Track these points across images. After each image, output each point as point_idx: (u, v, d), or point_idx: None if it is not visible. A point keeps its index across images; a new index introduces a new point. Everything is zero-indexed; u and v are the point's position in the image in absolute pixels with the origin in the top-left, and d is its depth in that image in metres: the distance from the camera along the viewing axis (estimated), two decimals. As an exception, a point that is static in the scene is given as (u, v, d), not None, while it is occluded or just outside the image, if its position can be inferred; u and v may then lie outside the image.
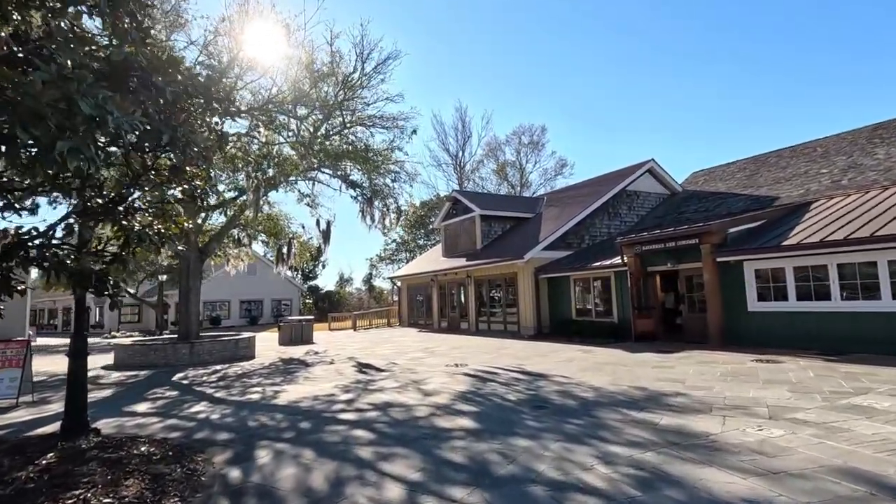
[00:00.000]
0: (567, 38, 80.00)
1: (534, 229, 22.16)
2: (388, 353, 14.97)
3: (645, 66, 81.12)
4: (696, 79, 79.57)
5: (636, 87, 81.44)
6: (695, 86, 79.53)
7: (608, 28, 76.56)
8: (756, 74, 77.24)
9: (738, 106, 79.62)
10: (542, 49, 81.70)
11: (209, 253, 15.77)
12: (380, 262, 48.91)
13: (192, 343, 13.80)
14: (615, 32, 76.98)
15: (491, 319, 21.15)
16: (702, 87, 79.39)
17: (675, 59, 79.70)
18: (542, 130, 47.09)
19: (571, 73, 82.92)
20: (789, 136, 79.63)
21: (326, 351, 16.57)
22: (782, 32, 74.23)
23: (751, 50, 74.64)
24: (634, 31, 76.21)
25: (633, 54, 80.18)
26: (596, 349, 13.55)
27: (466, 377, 9.75)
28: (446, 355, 13.54)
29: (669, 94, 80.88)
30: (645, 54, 79.98)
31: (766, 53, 75.32)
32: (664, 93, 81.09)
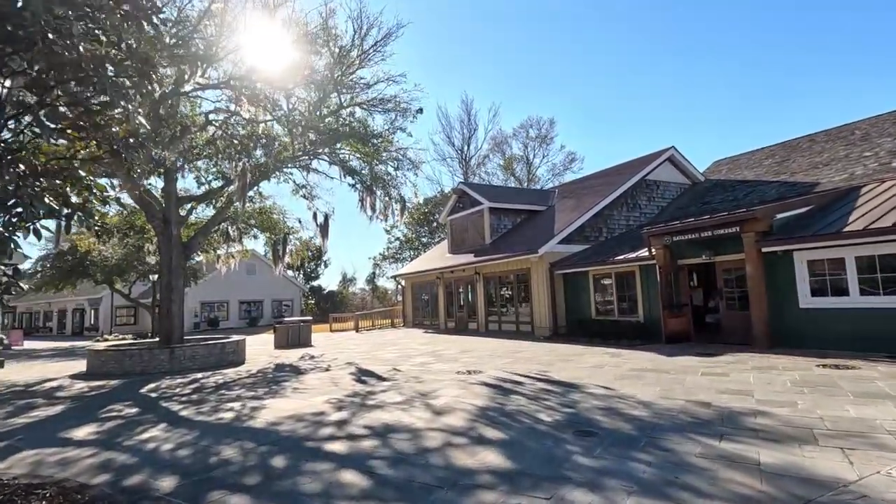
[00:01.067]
0: (576, 30, 78.33)
1: (547, 222, 20.55)
2: (392, 357, 13.40)
3: (656, 58, 79.41)
4: (706, 72, 77.86)
5: (647, 79, 79.74)
6: (705, 78, 77.86)
7: (618, 18, 74.85)
8: (763, 68, 75.44)
9: (750, 98, 77.84)
10: (552, 40, 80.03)
11: (194, 248, 14.23)
12: (383, 261, 47.34)
13: (172, 349, 12.25)
14: (625, 22, 75.28)
15: (502, 319, 19.54)
16: (712, 79, 77.68)
17: (684, 52, 77.97)
18: (551, 124, 45.32)
19: (581, 65, 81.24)
20: (795, 127, 77.58)
21: (324, 355, 15.00)
22: (786, 30, 72.42)
23: (758, 43, 72.86)
24: (644, 22, 74.52)
25: (642, 46, 78.49)
26: (624, 352, 11.94)
27: (483, 388, 8.17)
28: (456, 360, 11.96)
29: (681, 87, 79.22)
30: (655, 46, 78.28)
31: (774, 46, 73.51)
32: (676, 85, 79.42)
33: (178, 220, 13.79)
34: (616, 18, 73.93)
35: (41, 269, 26.95)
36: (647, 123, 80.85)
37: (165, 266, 13.59)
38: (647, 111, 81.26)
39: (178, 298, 13.68)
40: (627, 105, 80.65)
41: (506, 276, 19.42)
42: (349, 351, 15.85)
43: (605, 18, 74.52)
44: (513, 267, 18.74)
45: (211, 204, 15.38)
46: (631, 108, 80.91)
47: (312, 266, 52.15)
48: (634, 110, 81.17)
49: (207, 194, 14.21)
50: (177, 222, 13.75)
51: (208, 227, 14.56)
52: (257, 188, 16.35)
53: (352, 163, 14.05)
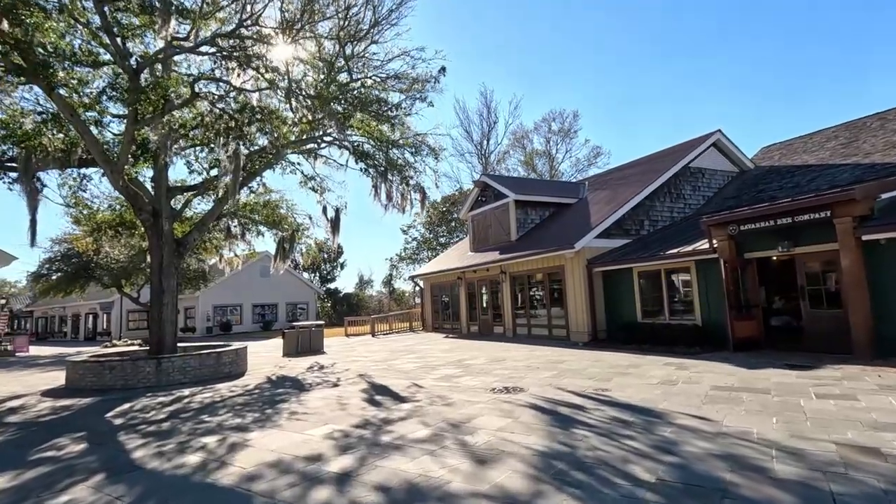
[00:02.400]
0: (600, 19, 75.88)
1: (579, 216, 18.48)
2: (411, 368, 11.49)
3: (682, 49, 76.54)
4: (736, 60, 74.78)
5: (673, 70, 76.84)
6: (735, 67, 74.78)
7: (645, 7, 72.20)
8: (783, 64, 72.11)
9: (783, 84, 74.53)
10: (575, 29, 77.64)
11: (189, 246, 12.52)
12: (400, 262, 45.51)
13: (159, 360, 10.50)
14: (652, 12, 72.62)
15: (532, 323, 17.51)
16: (743, 67, 74.58)
17: (712, 42, 74.99)
18: (575, 116, 42.72)
19: (605, 56, 78.52)
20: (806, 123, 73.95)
21: (335, 364, 13.17)
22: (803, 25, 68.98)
23: (777, 40, 69.61)
24: (673, 10, 71.81)
25: (670, 36, 75.70)
26: (688, 362, 9.86)
27: (533, 414, 6.20)
28: (487, 372, 10.00)
29: (710, 76, 76.25)
30: (682, 36, 75.43)
31: (792, 41, 70.14)
32: (704, 75, 76.45)
33: (169, 214, 12.09)
34: (642, 7, 71.33)
35: (46, 272, 25.70)
36: (672, 118, 77.84)
37: (156, 265, 11.89)
38: (673, 104, 78.32)
39: (170, 301, 11.96)
40: (653, 98, 77.73)
41: (536, 274, 17.40)
42: (363, 359, 14.00)
43: (630, 7, 71.97)
44: (544, 265, 16.72)
45: (207, 195, 13.70)
46: (656, 100, 78.01)
47: (328, 268, 50.60)
48: (660, 103, 78.28)
49: (202, 184, 12.51)
50: (168, 216, 12.05)
51: (205, 222, 12.83)
52: (260, 178, 14.64)
53: (364, 147, 12.21)
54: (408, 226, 44.53)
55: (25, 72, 8.94)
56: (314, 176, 15.62)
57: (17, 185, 10.44)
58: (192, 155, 12.94)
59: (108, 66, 9.78)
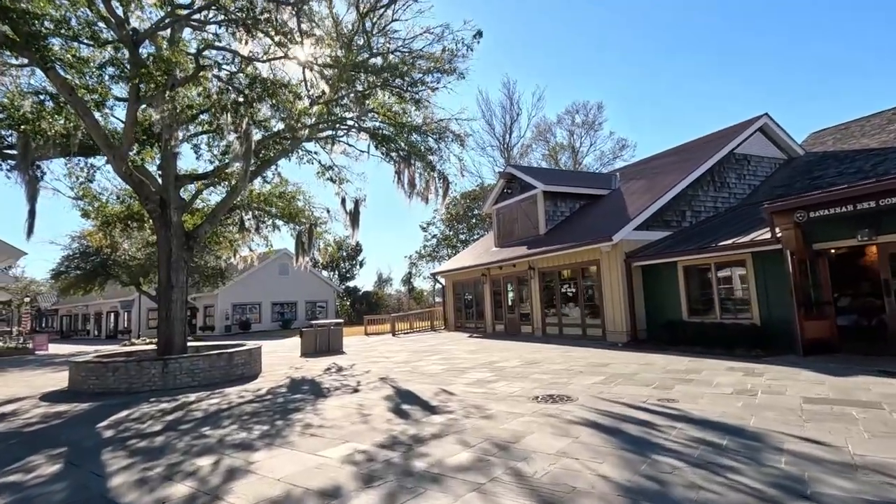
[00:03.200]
0: (625, 8, 73.84)
1: (613, 208, 17.20)
2: (438, 370, 10.42)
3: (714, 35, 74.08)
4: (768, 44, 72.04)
5: (704, 58, 74.45)
6: (767, 52, 72.08)
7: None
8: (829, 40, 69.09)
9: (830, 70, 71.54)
10: (600, 18, 75.74)
11: (199, 238, 11.64)
12: (420, 260, 44.51)
13: (165, 361, 9.61)
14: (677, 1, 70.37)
15: (563, 322, 16.28)
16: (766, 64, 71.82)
17: (741, 30, 72.39)
18: (599, 108, 41.01)
19: (630, 45, 76.28)
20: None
21: (354, 366, 12.18)
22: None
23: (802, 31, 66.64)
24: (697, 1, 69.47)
25: (700, 23, 73.34)
26: (755, 367, 8.58)
27: (594, 433, 5.06)
28: (524, 377, 8.86)
29: (737, 66, 73.67)
30: (714, 23, 72.99)
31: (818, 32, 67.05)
32: (733, 65, 73.89)
33: (178, 204, 11.22)
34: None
35: (65, 270, 25.33)
36: (702, 109, 75.06)
37: (163, 258, 11.04)
38: (703, 95, 75.74)
39: (179, 298, 11.10)
40: (680, 87, 75.04)
41: (568, 270, 16.18)
42: (385, 361, 12.98)
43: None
44: (577, 259, 15.49)
45: (219, 186, 12.84)
46: (684, 91, 75.35)
47: (347, 266, 49.91)
48: (687, 94, 75.64)
49: (212, 172, 11.63)
50: (177, 206, 11.18)
51: (217, 213, 11.95)
52: (275, 168, 13.71)
53: (385, 132, 11.17)
54: (427, 223, 43.55)
55: (16, 45, 8.12)
56: (332, 165, 14.68)
57: (15, 173, 9.65)
58: (203, 142, 12.08)
59: (109, 45, 8.92)
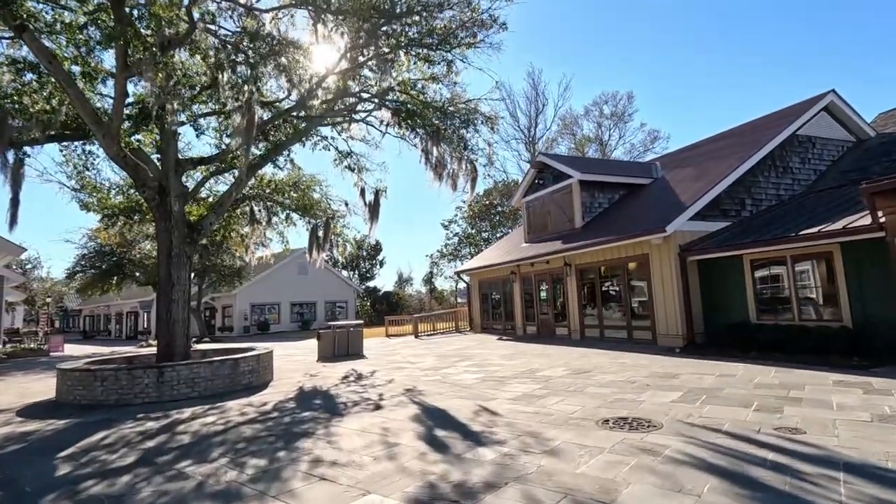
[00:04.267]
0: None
1: (658, 197, 15.48)
2: (472, 380, 8.92)
3: (749, 18, 70.88)
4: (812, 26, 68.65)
5: (741, 41, 70.91)
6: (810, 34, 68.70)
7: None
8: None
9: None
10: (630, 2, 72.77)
11: (204, 231, 10.37)
12: (441, 259, 43.08)
13: (160, 370, 8.32)
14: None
15: (605, 324, 14.63)
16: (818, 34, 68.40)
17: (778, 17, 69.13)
18: (629, 98, 38.94)
19: (662, 31, 73.14)
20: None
21: (375, 373, 10.77)
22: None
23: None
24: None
25: (731, 12, 70.31)
26: (873, 381, 6.87)
27: (719, 484, 3.49)
28: (579, 390, 7.30)
29: (777, 53, 70.45)
30: (745, 13, 69.89)
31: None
32: (767, 46, 70.68)
33: (179, 191, 9.96)
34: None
35: (81, 270, 24.59)
36: (739, 98, 71.34)
37: (163, 252, 9.78)
38: (743, 75, 71.91)
39: (180, 297, 9.84)
40: (717, 74, 71.58)
41: (611, 266, 14.52)
42: (410, 367, 11.54)
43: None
44: (622, 254, 13.83)
45: (224, 175, 11.61)
46: (721, 78, 71.92)
47: (367, 266, 48.78)
48: (724, 82, 72.17)
49: (217, 155, 10.37)
50: (178, 194, 9.92)
51: (223, 202, 10.68)
52: (287, 153, 12.39)
53: (409, 107, 9.75)
54: (449, 221, 42.11)
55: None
56: (350, 152, 13.33)
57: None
58: (209, 126, 10.83)
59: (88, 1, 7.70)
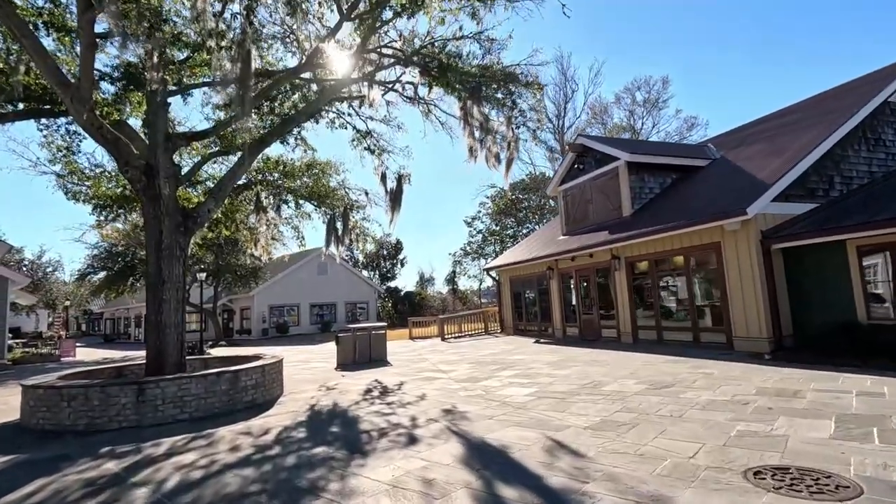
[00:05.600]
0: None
1: (721, 180, 13.39)
2: (524, 397, 7.05)
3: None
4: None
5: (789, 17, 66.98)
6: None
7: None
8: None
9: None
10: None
11: (201, 219, 8.73)
12: (465, 258, 41.22)
13: (140, 387, 6.67)
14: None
15: (664, 325, 12.59)
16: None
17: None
18: (664, 83, 36.33)
19: (703, 9, 69.65)
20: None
21: (403, 386, 9.00)
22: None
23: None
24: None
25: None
26: None
27: None
28: (679, 417, 5.37)
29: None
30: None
31: None
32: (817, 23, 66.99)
33: (170, 172, 8.35)
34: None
35: (92, 271, 23.49)
36: (788, 71, 67.22)
37: (151, 244, 8.16)
38: (789, 54, 67.91)
39: (172, 297, 8.20)
40: (761, 53, 67.73)
41: (670, 258, 12.49)
42: (442, 377, 9.74)
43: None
44: (685, 243, 11.80)
45: (228, 153, 10.00)
46: (762, 62, 68.12)
47: (388, 265, 47.21)
48: (765, 66, 68.39)
49: (214, 129, 8.73)
50: (169, 175, 8.30)
51: (224, 186, 9.03)
52: (297, 132, 10.74)
53: (442, 60, 7.96)
54: (472, 217, 40.25)
55: None
56: (369, 132, 11.62)
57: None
58: (201, 94, 9.21)
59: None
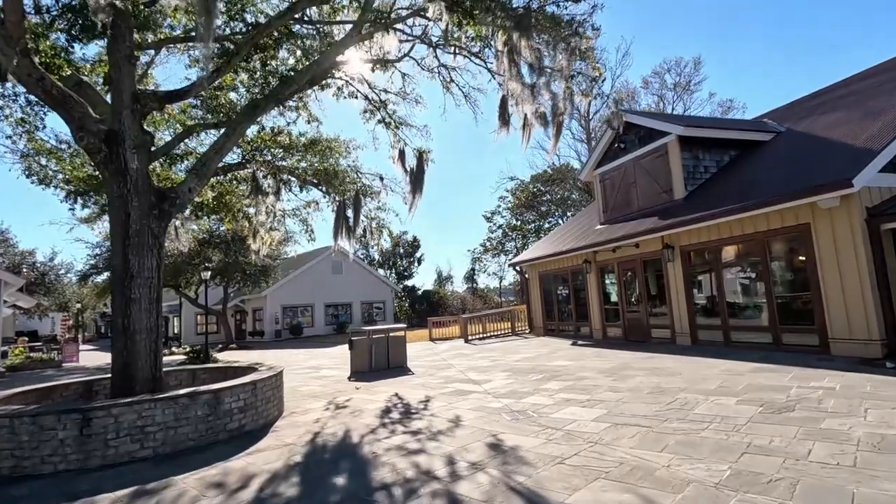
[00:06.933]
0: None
1: (793, 154, 11.33)
2: (596, 426, 5.20)
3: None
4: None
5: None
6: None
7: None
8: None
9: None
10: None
11: (180, 201, 7.05)
12: (484, 254, 39.35)
13: (84, 415, 4.99)
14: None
15: (732, 324, 10.61)
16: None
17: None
18: (696, 65, 33.85)
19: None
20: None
21: (430, 404, 7.22)
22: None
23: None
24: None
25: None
26: None
27: None
28: (853, 466, 3.51)
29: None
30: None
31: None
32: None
33: (139, 141, 6.68)
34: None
35: (93, 272, 22.21)
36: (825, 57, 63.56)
37: (117, 230, 6.51)
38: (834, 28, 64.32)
39: (144, 296, 6.53)
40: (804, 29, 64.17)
41: (740, 245, 10.51)
42: (475, 390, 7.93)
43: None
44: (762, 227, 9.81)
45: (217, 125, 8.32)
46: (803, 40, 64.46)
47: (405, 264, 45.56)
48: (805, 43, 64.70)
49: (195, 86, 7.03)
50: (138, 144, 6.65)
51: (209, 161, 7.34)
52: (300, 96, 8.98)
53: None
54: (491, 212, 38.40)
55: None
56: (382, 103, 9.88)
57: None
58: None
59: None
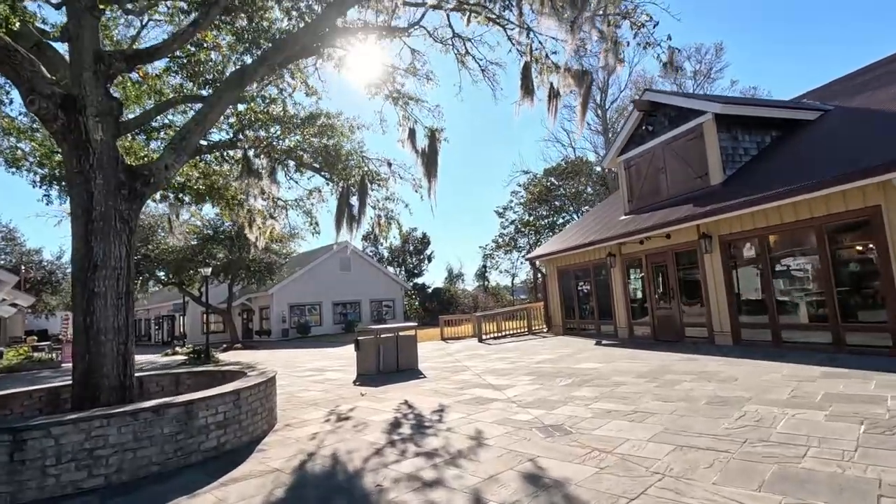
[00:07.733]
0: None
1: (851, 128, 10.09)
2: (657, 451, 4.11)
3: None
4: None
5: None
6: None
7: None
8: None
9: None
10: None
11: (154, 180, 6.04)
12: (496, 251, 38.21)
13: (15, 436, 4.01)
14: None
15: (782, 322, 9.40)
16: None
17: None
18: (718, 51, 32.33)
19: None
20: None
21: (445, 413, 6.16)
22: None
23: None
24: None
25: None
26: None
27: None
28: None
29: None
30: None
31: None
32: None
33: (103, 108, 5.69)
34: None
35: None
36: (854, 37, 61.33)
37: (78, 213, 5.53)
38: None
39: (110, 290, 5.55)
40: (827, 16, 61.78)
41: (789, 233, 9.29)
42: (497, 398, 6.85)
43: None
44: (818, 212, 8.59)
45: (195, 90, 7.33)
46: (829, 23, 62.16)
47: (415, 261, 44.54)
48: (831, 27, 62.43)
49: (169, 43, 6.01)
50: (102, 112, 5.66)
51: (189, 135, 6.31)
52: (293, 70, 7.88)
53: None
54: (503, 207, 37.22)
55: None
56: (391, 76, 8.82)
57: None
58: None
59: None
